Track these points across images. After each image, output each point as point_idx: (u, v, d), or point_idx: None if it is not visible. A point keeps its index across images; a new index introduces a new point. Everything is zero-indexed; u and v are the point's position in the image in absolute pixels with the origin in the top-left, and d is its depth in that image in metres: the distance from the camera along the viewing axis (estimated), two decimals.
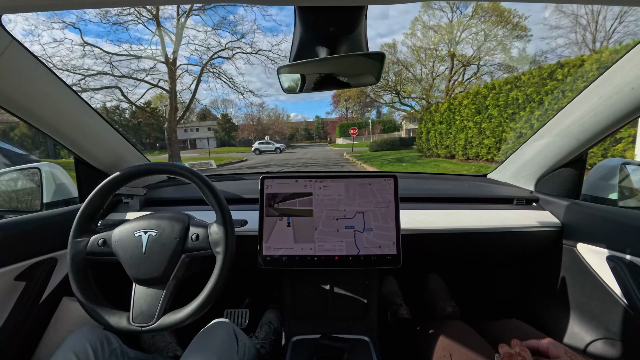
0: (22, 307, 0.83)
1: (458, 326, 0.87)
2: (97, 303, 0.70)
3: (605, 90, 0.80)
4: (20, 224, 0.85)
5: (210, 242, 0.69)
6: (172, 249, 0.68)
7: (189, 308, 0.67)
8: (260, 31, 43.64)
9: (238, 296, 1.50)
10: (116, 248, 0.70)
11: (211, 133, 45.73)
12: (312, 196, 0.90)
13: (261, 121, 48.23)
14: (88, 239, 0.72)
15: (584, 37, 18.73)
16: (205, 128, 44.82)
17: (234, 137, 45.65)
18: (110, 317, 0.68)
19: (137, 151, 1.20)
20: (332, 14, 0.59)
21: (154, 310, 0.67)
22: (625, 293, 0.78)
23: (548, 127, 1.02)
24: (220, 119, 48.11)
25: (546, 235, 1.03)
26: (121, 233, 0.71)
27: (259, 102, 53.07)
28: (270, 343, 1.17)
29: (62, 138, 0.94)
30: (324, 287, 1.06)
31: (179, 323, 0.66)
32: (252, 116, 48.49)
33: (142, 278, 0.69)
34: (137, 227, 0.71)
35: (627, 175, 1.07)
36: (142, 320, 0.67)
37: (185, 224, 0.72)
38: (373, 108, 47.09)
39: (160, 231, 0.70)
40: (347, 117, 48.72)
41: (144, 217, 0.74)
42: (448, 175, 1.56)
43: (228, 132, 47.16)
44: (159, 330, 0.68)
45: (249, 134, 45.94)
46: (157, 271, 0.68)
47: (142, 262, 0.68)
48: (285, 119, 60.81)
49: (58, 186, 1.12)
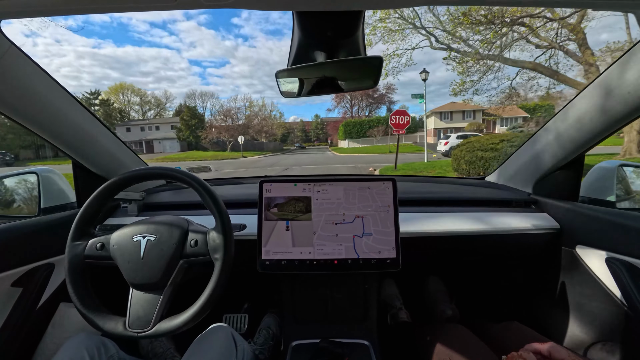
0: (19, 313, 0.82)
1: (458, 330, 0.87)
2: (93, 307, 0.69)
3: (601, 93, 0.81)
4: (17, 229, 0.84)
5: (209, 249, 0.69)
6: (170, 255, 0.68)
7: (186, 315, 0.66)
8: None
9: (237, 301, 1.50)
10: (114, 252, 0.70)
11: (175, 132, 35.55)
12: (310, 200, 0.90)
13: (235, 115, 37.10)
14: (86, 243, 0.71)
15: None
16: (168, 126, 35.07)
17: (200, 138, 34.09)
18: (106, 322, 0.68)
19: (136, 156, 1.20)
20: (330, 19, 0.60)
21: (151, 316, 0.67)
22: (625, 295, 0.78)
23: (545, 129, 1.03)
24: (185, 113, 35.45)
25: (545, 238, 1.03)
26: (119, 237, 0.71)
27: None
28: (269, 348, 1.17)
29: (60, 143, 0.94)
30: (323, 292, 1.06)
31: (176, 330, 0.66)
32: (224, 109, 37.42)
33: (139, 283, 0.68)
34: (136, 231, 0.71)
35: (625, 177, 1.08)
36: (139, 326, 0.67)
37: (184, 229, 0.72)
38: (383, 104, 42.38)
39: (158, 236, 0.69)
40: (353, 115, 42.67)
41: (143, 222, 0.74)
42: (446, 178, 1.56)
43: (194, 130, 34.71)
44: (155, 336, 0.67)
45: (220, 134, 34.17)
46: (155, 277, 0.67)
47: (139, 267, 0.68)
48: (278, 117, 50.76)
49: (56, 191, 1.11)
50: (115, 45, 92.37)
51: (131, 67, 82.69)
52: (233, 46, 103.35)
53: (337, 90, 0.75)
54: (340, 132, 37.01)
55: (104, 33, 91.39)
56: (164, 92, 73.87)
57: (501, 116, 26.40)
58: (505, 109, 13.63)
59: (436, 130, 33.14)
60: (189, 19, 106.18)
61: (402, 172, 8.76)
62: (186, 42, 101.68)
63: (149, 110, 48.94)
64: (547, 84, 9.79)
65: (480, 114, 32.44)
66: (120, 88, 42.87)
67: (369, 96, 39.34)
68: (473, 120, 32.55)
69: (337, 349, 0.88)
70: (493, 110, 14.40)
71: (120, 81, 39.88)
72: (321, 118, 57.90)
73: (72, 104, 0.89)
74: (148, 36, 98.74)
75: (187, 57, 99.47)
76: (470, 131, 22.94)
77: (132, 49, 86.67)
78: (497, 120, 31.18)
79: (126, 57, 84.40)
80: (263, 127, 39.34)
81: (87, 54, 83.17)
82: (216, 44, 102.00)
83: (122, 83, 44.29)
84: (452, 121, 33.67)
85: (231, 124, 35.61)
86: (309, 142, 55.25)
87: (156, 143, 35.61)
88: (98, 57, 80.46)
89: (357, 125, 35.31)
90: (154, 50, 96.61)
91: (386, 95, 42.70)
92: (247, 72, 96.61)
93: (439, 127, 33.28)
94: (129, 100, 46.72)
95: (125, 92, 45.38)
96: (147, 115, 47.65)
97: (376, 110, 43.96)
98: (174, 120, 35.96)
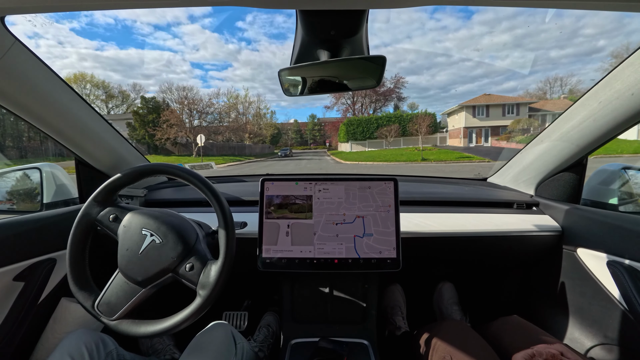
0: (20, 307, 0.82)
1: (456, 326, 0.86)
2: (80, 270, 0.71)
3: (605, 95, 0.81)
4: (19, 224, 0.85)
5: (200, 281, 0.67)
6: (164, 265, 0.67)
7: (153, 328, 0.65)
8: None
9: (237, 298, 1.50)
10: (120, 231, 0.70)
11: (128, 132, 24.26)
12: (311, 198, 0.90)
13: (198, 106, 25.80)
14: (102, 208, 0.72)
15: None
16: (123, 123, 24.39)
17: (155, 138, 23.15)
18: (81, 291, 0.69)
19: (138, 152, 1.21)
20: (334, 18, 0.60)
21: (120, 307, 0.67)
22: (626, 298, 0.77)
23: (548, 131, 1.03)
24: (140, 106, 24.76)
25: (546, 240, 1.02)
26: (131, 221, 0.71)
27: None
28: (269, 346, 1.17)
29: (63, 138, 0.94)
30: (323, 290, 1.06)
31: (135, 335, 0.66)
32: (184, 97, 25.27)
33: (125, 272, 0.69)
34: (148, 225, 0.70)
35: (627, 180, 1.07)
36: (105, 311, 0.67)
37: (188, 247, 0.70)
38: (390, 100, 35.08)
39: (164, 242, 0.69)
40: (355, 112, 34.21)
41: (159, 217, 0.72)
42: (448, 178, 1.55)
43: (152, 128, 23.21)
44: (112, 329, 0.67)
45: (180, 132, 24.20)
46: (142, 275, 0.67)
47: (134, 259, 0.68)
48: (269, 117, 40.24)
49: (58, 187, 1.12)
50: (118, 48, 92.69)
51: (133, 69, 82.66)
52: (236, 49, 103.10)
53: (340, 89, 0.75)
54: (342, 133, 29.50)
55: (108, 35, 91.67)
56: (132, 84, 62.01)
57: (552, 111, 22.45)
58: (556, 103, 11.34)
59: (466, 130, 25.30)
60: (193, 22, 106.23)
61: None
62: (189, 44, 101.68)
63: (115, 107, 37.82)
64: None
65: (525, 109, 24.93)
66: (76, 80, 33.04)
67: (375, 91, 32.12)
68: (517, 117, 24.54)
69: (337, 348, 0.88)
70: (541, 104, 11.01)
71: (79, 71, 31.03)
72: (318, 118, 49.85)
73: (75, 100, 0.90)
74: (151, 39, 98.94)
75: (190, 60, 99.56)
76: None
77: (135, 51, 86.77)
78: (547, 117, 23.49)
79: (129, 60, 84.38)
80: (241, 125, 30.53)
81: (89, 56, 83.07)
82: (219, 47, 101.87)
83: (82, 73, 34.14)
84: (489, 118, 25.24)
85: (197, 122, 25.47)
86: (305, 146, 47.07)
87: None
88: (100, 59, 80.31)
89: (362, 124, 27.88)
90: (157, 52, 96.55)
91: (394, 90, 35.18)
92: (248, 75, 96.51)
93: (471, 126, 25.24)
94: (87, 94, 34.17)
95: (83, 84, 34.27)
96: (115, 112, 36.52)
97: (382, 107, 36.52)
98: (127, 117, 25.91)
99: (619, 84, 0.76)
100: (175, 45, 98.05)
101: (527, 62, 78.33)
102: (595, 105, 0.83)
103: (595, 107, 0.84)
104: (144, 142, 24.18)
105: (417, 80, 78.60)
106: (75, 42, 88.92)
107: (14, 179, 1.20)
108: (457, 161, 14.00)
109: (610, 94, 0.79)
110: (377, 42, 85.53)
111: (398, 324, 1.21)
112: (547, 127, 1.03)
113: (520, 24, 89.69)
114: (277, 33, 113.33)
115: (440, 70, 78.79)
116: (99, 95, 37.19)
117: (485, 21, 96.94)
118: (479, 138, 25.42)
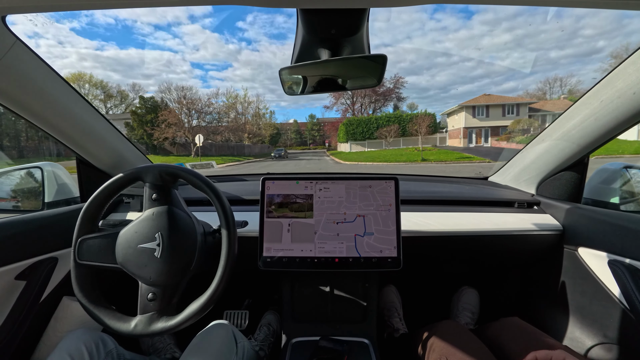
0: (22, 306, 0.83)
1: (453, 327, 0.86)
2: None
3: (607, 94, 0.80)
4: (21, 223, 0.85)
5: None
6: (155, 278, 0.67)
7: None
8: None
9: (238, 297, 1.50)
10: (144, 214, 0.70)
11: (127, 132, 24.10)
12: (312, 197, 0.90)
13: (199, 106, 26.60)
14: (154, 184, 0.71)
15: None
16: (121, 123, 24.81)
17: (153, 137, 23.98)
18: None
19: (139, 152, 1.21)
20: (334, 17, 0.59)
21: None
22: (627, 297, 0.77)
23: (549, 130, 1.02)
24: (139, 103, 25.55)
25: (547, 239, 1.02)
26: (158, 215, 0.69)
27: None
28: (270, 345, 1.17)
29: (64, 138, 0.95)
30: (323, 289, 1.06)
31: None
32: (182, 96, 25.94)
33: (122, 262, 0.69)
34: (165, 231, 0.68)
35: (629, 179, 1.07)
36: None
37: (177, 280, 0.69)
38: (390, 100, 35.39)
39: (161, 258, 0.67)
40: (355, 112, 34.69)
41: (184, 231, 0.69)
42: (449, 177, 1.55)
43: (150, 128, 24.16)
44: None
45: (179, 132, 24.82)
46: (135, 271, 0.68)
47: (130, 250, 0.69)
48: (268, 117, 40.28)
49: (60, 186, 1.12)
50: (118, 48, 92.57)
51: (133, 69, 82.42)
52: (236, 49, 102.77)
53: (341, 88, 0.75)
54: (341, 133, 29.62)
55: (108, 35, 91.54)
56: (131, 84, 60.84)
57: (552, 112, 22.52)
58: (556, 103, 11.56)
59: (466, 130, 25.48)
60: (194, 22, 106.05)
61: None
62: (189, 44, 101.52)
63: (113, 107, 38.47)
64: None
65: (525, 109, 25.25)
66: (74, 80, 32.70)
67: (374, 91, 32.17)
68: (517, 117, 24.75)
69: (337, 346, 0.88)
70: (541, 105, 11.13)
71: (78, 72, 30.97)
72: (318, 118, 49.75)
73: (77, 100, 0.90)
74: (152, 39, 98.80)
75: (190, 60, 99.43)
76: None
77: (135, 51, 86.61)
78: (547, 117, 23.89)
79: (129, 60, 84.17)
80: (240, 125, 30.86)
81: (89, 56, 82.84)
82: (220, 47, 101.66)
83: (80, 73, 34.47)
84: (489, 118, 25.49)
85: (195, 122, 26.13)
86: (304, 146, 46.51)
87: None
88: (101, 59, 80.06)
89: (362, 125, 28.27)
90: (157, 52, 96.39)
91: (394, 90, 35.74)
92: (248, 75, 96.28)
93: (471, 126, 25.46)
94: (86, 94, 32.70)
95: (81, 84, 34.38)
96: (113, 112, 37.03)
97: (382, 107, 36.89)
98: (125, 117, 26.28)
99: (620, 83, 0.76)
100: (175, 45, 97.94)
101: (527, 63, 78.79)
102: (597, 104, 0.83)
103: (597, 105, 0.83)
104: (142, 142, 24.60)
105: (416, 81, 78.66)
106: (75, 42, 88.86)
107: (16, 178, 1.20)
108: (457, 161, 13.91)
109: (612, 92, 0.79)
110: (377, 42, 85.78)
111: (396, 326, 1.20)
112: (549, 126, 1.03)
113: (520, 24, 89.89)
114: (278, 33, 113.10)
115: (440, 70, 78.81)
116: (97, 95, 37.07)
117: (485, 21, 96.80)
118: (478, 138, 25.57)
